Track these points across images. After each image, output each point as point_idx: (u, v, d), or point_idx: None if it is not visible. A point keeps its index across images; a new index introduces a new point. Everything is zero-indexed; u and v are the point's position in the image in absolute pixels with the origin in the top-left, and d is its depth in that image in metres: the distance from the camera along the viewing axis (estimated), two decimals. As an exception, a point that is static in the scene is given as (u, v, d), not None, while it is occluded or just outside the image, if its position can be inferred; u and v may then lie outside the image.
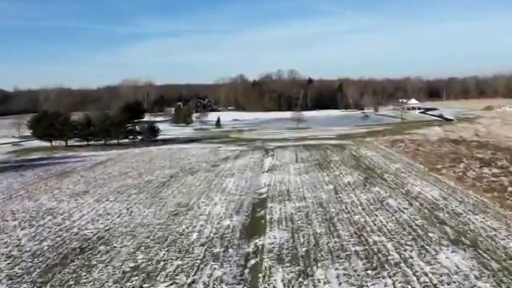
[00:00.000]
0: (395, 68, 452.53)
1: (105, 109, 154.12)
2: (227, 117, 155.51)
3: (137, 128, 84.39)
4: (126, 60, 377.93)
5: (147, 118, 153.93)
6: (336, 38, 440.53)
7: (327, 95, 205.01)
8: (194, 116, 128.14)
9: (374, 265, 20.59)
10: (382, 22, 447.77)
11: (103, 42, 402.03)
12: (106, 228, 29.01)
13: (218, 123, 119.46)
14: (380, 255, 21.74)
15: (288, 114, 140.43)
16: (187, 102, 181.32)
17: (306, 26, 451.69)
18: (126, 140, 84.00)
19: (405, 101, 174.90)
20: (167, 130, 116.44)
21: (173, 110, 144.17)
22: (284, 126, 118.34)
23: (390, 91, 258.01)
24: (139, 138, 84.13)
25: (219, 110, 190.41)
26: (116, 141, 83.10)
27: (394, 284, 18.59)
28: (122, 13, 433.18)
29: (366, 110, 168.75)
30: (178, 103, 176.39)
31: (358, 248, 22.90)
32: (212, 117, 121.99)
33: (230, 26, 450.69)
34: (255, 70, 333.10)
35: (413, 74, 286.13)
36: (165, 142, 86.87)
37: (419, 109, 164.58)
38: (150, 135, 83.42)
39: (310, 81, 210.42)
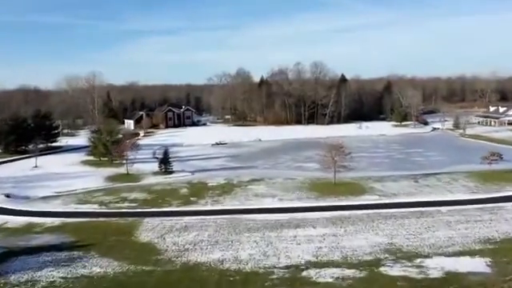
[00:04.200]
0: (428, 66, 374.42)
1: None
2: (210, 136, 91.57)
3: None
4: (123, 59, 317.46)
5: (73, 139, 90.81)
6: (353, 34, 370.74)
7: (367, 100, 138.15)
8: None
9: None
10: (417, 17, 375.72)
11: (95, 40, 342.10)
12: None
13: (163, 162, 55.51)
14: None
15: (312, 132, 77.58)
16: (153, 110, 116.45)
17: (322, 21, 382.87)
18: None
19: (502, 110, 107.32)
20: (44, 178, 53.19)
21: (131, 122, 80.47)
22: (307, 170, 54.29)
23: (442, 93, 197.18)
24: None
25: (204, 124, 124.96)
26: None
27: None
28: (117, 9, 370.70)
29: (438, 126, 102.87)
30: (140, 112, 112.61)
31: None
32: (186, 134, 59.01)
33: (233, 22, 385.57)
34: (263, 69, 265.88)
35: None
36: None
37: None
38: None
39: (344, 79, 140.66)
